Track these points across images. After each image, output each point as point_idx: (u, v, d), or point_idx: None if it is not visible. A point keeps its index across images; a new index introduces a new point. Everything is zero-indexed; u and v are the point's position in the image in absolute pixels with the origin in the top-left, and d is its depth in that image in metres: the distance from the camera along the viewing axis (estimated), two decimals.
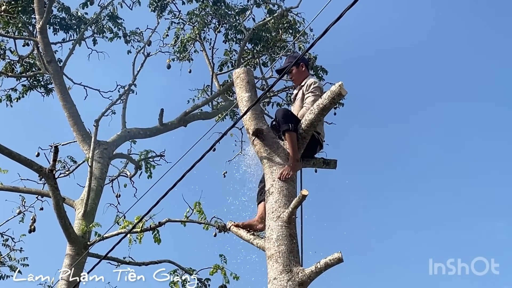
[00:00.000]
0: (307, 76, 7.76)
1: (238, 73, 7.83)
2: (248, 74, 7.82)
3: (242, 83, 7.70)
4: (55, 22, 15.96)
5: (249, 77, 7.80)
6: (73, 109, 14.46)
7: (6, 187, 13.81)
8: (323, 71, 16.49)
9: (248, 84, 7.67)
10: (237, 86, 7.79)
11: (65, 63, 15.20)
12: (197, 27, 16.00)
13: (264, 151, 7.10)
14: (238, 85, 7.76)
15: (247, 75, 7.79)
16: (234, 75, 7.92)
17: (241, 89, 7.68)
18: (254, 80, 7.94)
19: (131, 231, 11.14)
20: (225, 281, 12.52)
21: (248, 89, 7.62)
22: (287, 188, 6.80)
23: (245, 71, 7.85)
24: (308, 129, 6.99)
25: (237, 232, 7.12)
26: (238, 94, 7.71)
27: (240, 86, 7.72)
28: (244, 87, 7.66)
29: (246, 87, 7.65)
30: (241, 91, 7.65)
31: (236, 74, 7.85)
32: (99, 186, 13.57)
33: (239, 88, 7.72)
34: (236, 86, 7.81)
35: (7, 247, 14.80)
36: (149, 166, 15.55)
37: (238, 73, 7.83)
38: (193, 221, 11.82)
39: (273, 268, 6.29)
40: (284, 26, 16.28)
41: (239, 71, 7.85)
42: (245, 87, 7.66)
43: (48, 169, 10.43)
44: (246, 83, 7.68)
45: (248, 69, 7.99)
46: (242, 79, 7.73)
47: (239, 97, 7.65)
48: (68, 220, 11.69)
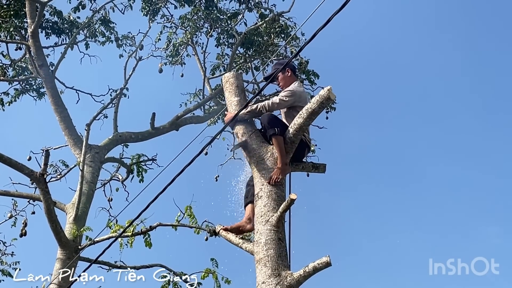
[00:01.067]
0: (294, 81, 7.78)
1: (227, 78, 7.85)
2: (237, 79, 7.84)
3: (231, 87, 7.73)
4: (47, 26, 15.92)
5: (238, 81, 7.82)
6: (64, 113, 14.43)
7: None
8: (314, 75, 16.50)
9: (237, 88, 7.69)
10: (226, 90, 7.81)
11: (57, 67, 15.17)
12: (189, 31, 16.01)
13: (253, 155, 7.11)
14: (227, 90, 7.78)
15: (236, 79, 7.81)
16: (223, 79, 7.93)
17: (230, 93, 7.70)
18: (243, 84, 7.99)
19: (122, 235, 11.13)
20: (216, 285, 12.51)
21: (237, 94, 7.65)
22: (276, 192, 6.80)
23: (234, 75, 7.87)
24: (297, 133, 6.98)
25: (226, 236, 7.12)
26: (228, 99, 7.73)
27: (229, 90, 7.73)
28: (234, 91, 7.68)
29: (235, 92, 7.67)
30: (230, 96, 7.68)
31: (225, 78, 7.87)
32: (90, 190, 13.54)
33: (228, 92, 7.74)
34: (225, 90, 7.82)
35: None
36: (141, 170, 15.51)
37: (227, 77, 7.85)
38: (184, 225, 11.79)
39: (261, 272, 6.28)
40: (276, 31, 16.29)
41: (228, 76, 7.87)
42: (234, 92, 7.68)
43: (39, 173, 10.42)
44: (235, 87, 7.70)
45: (237, 73, 8.02)
46: (231, 83, 7.75)
47: (228, 101, 7.67)
48: (59, 224, 11.67)
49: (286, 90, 7.51)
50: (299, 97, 7.47)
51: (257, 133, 7.31)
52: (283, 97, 7.41)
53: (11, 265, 14.56)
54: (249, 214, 7.19)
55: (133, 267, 13.02)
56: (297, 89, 7.55)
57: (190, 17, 15.89)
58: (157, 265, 13.19)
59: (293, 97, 7.42)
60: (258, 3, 16.03)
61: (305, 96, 7.70)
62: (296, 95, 7.45)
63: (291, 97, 7.40)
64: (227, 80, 7.81)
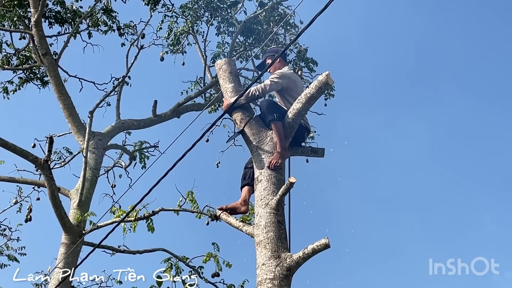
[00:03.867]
0: (284, 66, 7.85)
1: (220, 65, 7.81)
2: (230, 65, 7.79)
3: (224, 74, 7.71)
4: (50, 15, 15.87)
5: (231, 67, 7.78)
6: (68, 101, 14.41)
7: (3, 177, 13.82)
8: (313, 63, 16.51)
9: (230, 74, 7.67)
10: (220, 77, 7.79)
11: (60, 55, 15.11)
12: (190, 20, 15.97)
13: (253, 140, 7.12)
14: (221, 77, 7.76)
15: (229, 65, 7.76)
16: (216, 66, 7.89)
17: (224, 80, 7.68)
18: (237, 69, 7.93)
19: (125, 220, 11.15)
20: (218, 268, 12.53)
21: (231, 80, 7.63)
22: (276, 176, 6.82)
23: (226, 61, 7.81)
24: (296, 118, 7.00)
25: (227, 219, 7.14)
26: (222, 86, 7.71)
27: (223, 77, 7.71)
28: (227, 77, 7.66)
29: (229, 78, 7.65)
30: (225, 82, 7.66)
31: (218, 65, 7.83)
32: (94, 176, 13.54)
33: (222, 80, 7.72)
34: (220, 77, 7.80)
35: (5, 236, 14.86)
36: (143, 156, 15.54)
37: (220, 64, 7.81)
38: (186, 210, 11.81)
39: (261, 254, 6.30)
40: (275, 19, 16.27)
41: (221, 62, 7.83)
42: (228, 78, 7.66)
43: (43, 160, 10.41)
44: (228, 73, 7.68)
45: (229, 59, 7.95)
46: (224, 70, 7.73)
47: (223, 88, 7.66)
48: (63, 210, 11.69)
49: (276, 73, 7.57)
50: (288, 79, 7.54)
51: (256, 118, 7.33)
52: (273, 79, 7.47)
53: (17, 250, 14.62)
54: (245, 196, 7.26)
55: (136, 251, 13.07)
56: (286, 72, 7.64)
57: (190, 6, 15.86)
58: (160, 249, 13.22)
59: (283, 79, 7.47)
60: None
61: (294, 79, 7.74)
62: (285, 77, 7.52)
63: (281, 79, 7.46)
64: (220, 67, 7.78)
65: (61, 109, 14.41)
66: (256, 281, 6.24)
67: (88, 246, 12.32)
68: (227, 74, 7.67)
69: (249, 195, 7.21)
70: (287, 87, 7.52)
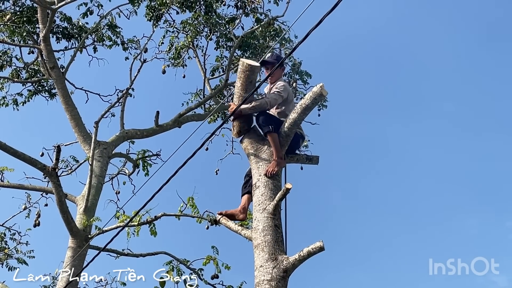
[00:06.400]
0: (280, 77, 7.84)
1: (245, 68, 7.18)
2: (254, 73, 7.25)
3: (245, 80, 7.23)
4: (57, 31, 15.88)
5: (254, 76, 7.28)
6: (74, 112, 14.41)
7: (13, 184, 13.80)
8: (307, 75, 16.59)
9: (250, 84, 7.23)
10: (239, 79, 7.29)
11: (67, 69, 15.13)
12: (190, 35, 16.00)
13: (251, 148, 7.13)
14: (240, 80, 7.27)
15: (252, 73, 7.22)
16: (241, 66, 7.23)
17: (242, 85, 7.27)
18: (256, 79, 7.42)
19: (128, 224, 11.13)
20: (217, 270, 12.52)
21: (249, 89, 7.21)
22: (273, 182, 6.83)
23: (252, 68, 7.19)
24: (291, 127, 7.01)
25: (226, 223, 7.13)
26: (237, 88, 7.32)
27: (242, 82, 7.26)
28: (245, 85, 7.24)
29: (247, 87, 7.23)
30: (241, 89, 7.29)
31: (244, 67, 7.20)
32: (99, 183, 13.52)
33: (240, 84, 7.28)
34: (239, 79, 7.30)
35: (14, 240, 14.80)
36: (146, 164, 15.50)
37: (246, 68, 7.18)
38: (186, 215, 11.81)
39: (259, 257, 6.29)
40: (271, 34, 16.29)
41: (247, 67, 7.18)
42: (246, 86, 7.24)
43: (51, 168, 10.41)
44: (249, 82, 7.22)
45: (257, 67, 7.27)
46: (247, 76, 7.20)
47: (237, 93, 7.32)
48: (70, 215, 11.67)
49: (280, 86, 7.53)
50: (288, 91, 7.56)
51: (254, 128, 7.35)
52: (280, 92, 7.44)
53: (26, 254, 14.56)
54: (244, 204, 7.26)
55: (140, 255, 13.04)
56: (286, 84, 7.65)
57: (191, 22, 15.87)
58: (162, 252, 13.20)
59: (286, 91, 7.50)
60: (254, 9, 16.00)
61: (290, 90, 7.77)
62: (287, 90, 7.54)
63: (284, 92, 7.49)
64: (244, 70, 7.19)
65: (68, 120, 14.41)
66: (254, 282, 6.23)
67: (93, 250, 12.29)
68: (246, 82, 7.19)
69: (248, 203, 7.21)
70: (286, 99, 7.53)
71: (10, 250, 14.56)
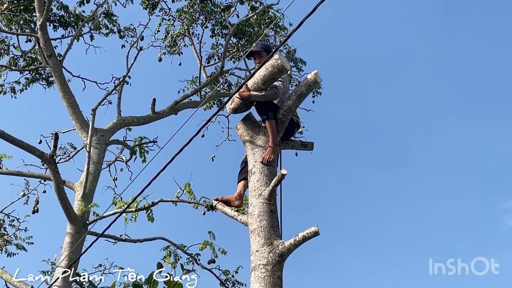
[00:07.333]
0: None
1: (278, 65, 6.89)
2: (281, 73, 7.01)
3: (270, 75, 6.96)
4: (54, 19, 15.82)
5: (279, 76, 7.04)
6: (72, 100, 14.35)
7: (11, 171, 13.75)
8: (302, 62, 16.59)
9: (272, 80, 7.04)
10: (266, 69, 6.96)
11: (64, 57, 15.10)
12: (186, 23, 15.94)
13: (247, 135, 7.10)
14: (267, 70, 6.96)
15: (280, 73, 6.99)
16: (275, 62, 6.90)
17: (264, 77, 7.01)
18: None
19: (126, 210, 11.11)
20: (214, 255, 12.52)
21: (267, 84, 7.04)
22: (268, 168, 6.80)
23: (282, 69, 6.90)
24: (287, 114, 6.97)
25: (222, 209, 7.10)
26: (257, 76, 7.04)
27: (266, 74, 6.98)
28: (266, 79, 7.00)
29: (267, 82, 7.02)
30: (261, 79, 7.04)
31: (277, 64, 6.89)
32: (96, 170, 13.48)
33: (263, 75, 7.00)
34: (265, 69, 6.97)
35: (13, 227, 14.80)
36: (143, 151, 15.47)
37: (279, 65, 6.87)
38: (183, 201, 11.79)
39: (255, 242, 6.27)
40: (266, 22, 16.24)
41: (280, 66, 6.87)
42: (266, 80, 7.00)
43: (49, 155, 10.37)
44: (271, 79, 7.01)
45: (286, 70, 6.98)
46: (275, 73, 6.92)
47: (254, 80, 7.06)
48: (68, 201, 11.64)
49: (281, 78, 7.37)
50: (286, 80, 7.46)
51: (249, 115, 7.31)
52: (282, 81, 7.31)
53: (25, 240, 14.56)
54: (240, 190, 7.22)
55: (137, 240, 13.05)
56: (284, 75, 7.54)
57: (186, 10, 15.82)
58: (159, 238, 13.22)
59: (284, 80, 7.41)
60: None
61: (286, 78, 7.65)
62: (284, 78, 7.44)
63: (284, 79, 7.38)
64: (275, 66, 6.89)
65: (66, 107, 14.35)
66: (250, 266, 6.21)
67: (92, 236, 12.27)
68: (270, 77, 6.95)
69: (244, 190, 7.17)
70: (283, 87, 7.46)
71: (9, 236, 14.56)
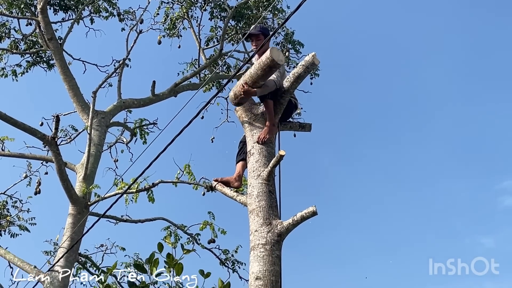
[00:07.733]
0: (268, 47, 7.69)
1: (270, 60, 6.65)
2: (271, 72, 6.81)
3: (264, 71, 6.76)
4: (55, 3, 15.84)
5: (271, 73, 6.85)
6: (72, 82, 14.40)
7: (13, 154, 13.82)
8: (300, 44, 16.59)
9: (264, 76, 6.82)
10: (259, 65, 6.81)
11: (64, 40, 15.11)
12: (185, 6, 15.95)
13: (245, 116, 7.13)
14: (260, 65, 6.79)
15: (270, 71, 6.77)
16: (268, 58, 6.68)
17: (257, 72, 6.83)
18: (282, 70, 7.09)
19: (127, 191, 11.18)
20: (213, 235, 12.60)
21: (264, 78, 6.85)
22: (266, 149, 6.83)
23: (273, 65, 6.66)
24: (285, 95, 7.01)
25: (222, 190, 7.14)
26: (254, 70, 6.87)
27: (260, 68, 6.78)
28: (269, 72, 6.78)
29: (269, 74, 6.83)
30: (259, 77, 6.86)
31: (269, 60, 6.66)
32: (97, 151, 13.55)
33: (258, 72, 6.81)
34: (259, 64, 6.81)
35: (16, 208, 14.86)
36: (144, 133, 15.52)
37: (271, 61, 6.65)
38: (183, 182, 11.86)
39: (254, 221, 6.32)
40: (264, 4, 16.23)
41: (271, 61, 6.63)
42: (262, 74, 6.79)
43: (50, 137, 10.43)
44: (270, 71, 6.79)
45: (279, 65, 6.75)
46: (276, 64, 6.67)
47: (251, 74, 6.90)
48: (70, 183, 11.71)
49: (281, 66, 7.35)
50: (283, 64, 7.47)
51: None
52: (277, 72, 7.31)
53: (27, 221, 14.63)
54: (239, 171, 7.24)
55: (138, 220, 13.12)
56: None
57: None
58: (160, 218, 13.29)
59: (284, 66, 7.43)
60: None
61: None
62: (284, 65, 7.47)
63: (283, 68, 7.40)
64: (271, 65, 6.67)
65: (66, 90, 14.39)
66: (249, 246, 6.27)
67: (93, 216, 12.36)
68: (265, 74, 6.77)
69: (243, 170, 7.20)
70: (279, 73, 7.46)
71: (12, 218, 14.63)
